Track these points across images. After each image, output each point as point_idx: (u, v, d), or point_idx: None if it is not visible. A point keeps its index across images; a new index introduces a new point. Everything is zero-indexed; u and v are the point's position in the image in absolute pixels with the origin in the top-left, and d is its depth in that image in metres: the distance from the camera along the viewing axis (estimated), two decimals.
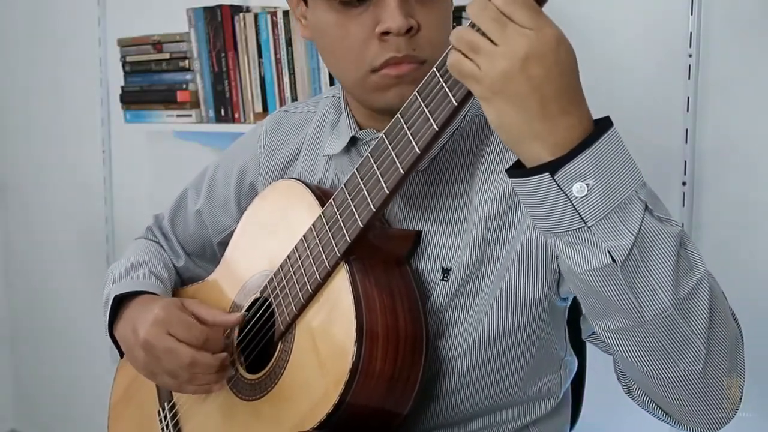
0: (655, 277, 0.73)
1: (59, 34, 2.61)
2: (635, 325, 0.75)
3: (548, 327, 0.96)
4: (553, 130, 0.71)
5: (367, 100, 0.97)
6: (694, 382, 0.78)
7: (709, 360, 0.76)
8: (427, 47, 0.91)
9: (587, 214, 0.71)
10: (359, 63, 0.92)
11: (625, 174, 0.72)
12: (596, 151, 0.71)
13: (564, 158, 0.71)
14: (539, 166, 0.72)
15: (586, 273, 0.73)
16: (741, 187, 1.46)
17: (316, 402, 0.88)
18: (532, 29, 0.69)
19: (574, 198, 0.71)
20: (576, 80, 0.72)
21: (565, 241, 0.73)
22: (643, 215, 0.72)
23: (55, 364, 2.83)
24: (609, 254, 0.71)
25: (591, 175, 0.70)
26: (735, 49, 1.45)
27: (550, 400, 1.02)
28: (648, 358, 0.77)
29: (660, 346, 0.76)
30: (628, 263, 0.72)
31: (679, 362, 0.76)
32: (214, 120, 1.95)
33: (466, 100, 0.77)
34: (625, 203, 0.72)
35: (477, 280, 0.93)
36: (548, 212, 0.73)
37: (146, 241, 1.28)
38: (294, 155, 1.14)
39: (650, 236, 0.72)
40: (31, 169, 2.79)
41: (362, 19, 0.91)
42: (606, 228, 0.71)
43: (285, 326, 0.97)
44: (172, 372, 1.00)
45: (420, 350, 0.89)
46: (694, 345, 0.76)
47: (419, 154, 0.82)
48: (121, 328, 1.11)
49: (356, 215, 0.89)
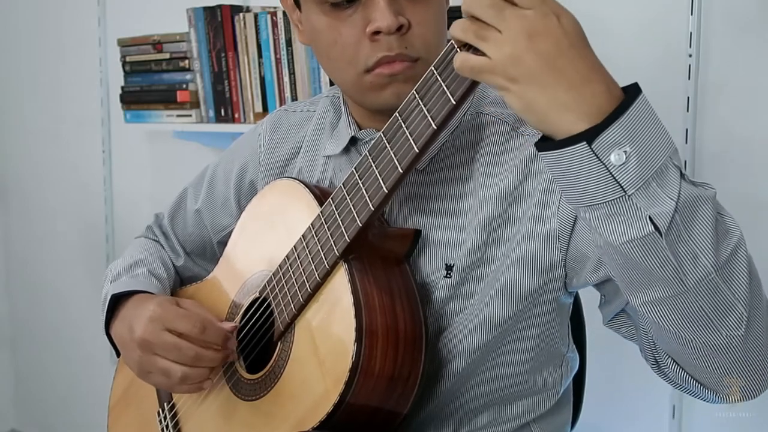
0: (697, 241, 0.72)
1: (59, 34, 2.61)
2: (678, 293, 0.73)
3: (550, 321, 0.96)
4: (580, 99, 0.69)
5: (364, 101, 0.98)
6: (735, 347, 0.77)
7: (751, 324, 0.76)
8: (419, 45, 0.91)
9: (627, 183, 0.69)
10: (353, 64, 0.93)
11: (659, 140, 0.70)
12: (630, 118, 0.69)
13: (599, 126, 0.69)
14: (574, 137, 0.69)
15: (627, 244, 0.71)
16: (741, 187, 1.46)
17: (316, 402, 0.88)
18: (531, 8, 0.69)
19: (612, 166, 0.69)
20: (588, 49, 0.71)
21: (602, 212, 0.71)
22: (680, 180, 0.71)
23: (55, 364, 2.83)
24: (651, 222, 0.70)
25: (627, 143, 0.69)
26: (735, 49, 1.45)
27: (550, 395, 1.02)
28: (690, 327, 0.76)
29: (702, 312, 0.74)
30: (672, 229, 0.70)
31: (722, 328, 0.75)
32: (214, 120, 1.95)
33: (464, 99, 0.77)
34: (662, 169, 0.70)
35: (478, 276, 0.93)
36: (585, 184, 0.71)
37: (146, 240, 1.28)
38: (293, 154, 1.14)
39: (690, 201, 0.71)
40: (31, 169, 2.79)
41: (353, 20, 0.91)
42: (646, 195, 0.70)
43: (284, 326, 0.96)
44: (166, 371, 1.00)
45: (420, 349, 0.89)
46: (737, 309, 0.75)
47: (418, 153, 0.82)
48: (116, 327, 1.11)
49: (355, 214, 0.89)
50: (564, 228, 0.90)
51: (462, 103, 0.77)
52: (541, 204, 0.91)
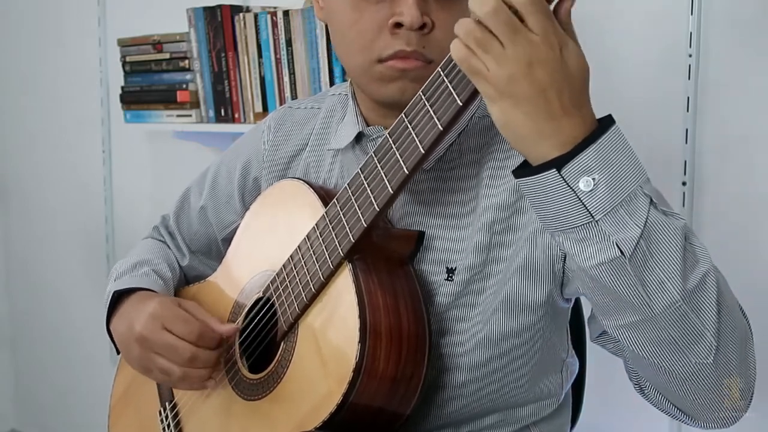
0: (663, 269, 0.74)
1: (59, 34, 2.61)
2: (645, 319, 0.75)
3: (551, 328, 0.96)
4: (558, 130, 0.72)
5: (368, 89, 0.98)
6: (706, 375, 0.78)
7: (720, 352, 0.77)
8: (436, 48, 0.91)
9: (594, 208, 0.72)
10: (368, 50, 0.92)
11: (629, 169, 0.73)
12: (601, 147, 0.72)
13: (570, 154, 0.72)
14: (545, 164, 0.73)
15: (595, 267, 0.74)
16: (741, 187, 1.47)
17: (319, 402, 0.88)
18: (538, 35, 0.70)
19: (581, 192, 0.72)
20: (583, 84, 0.73)
21: (573, 237, 0.74)
22: (648, 209, 0.73)
23: (55, 364, 2.83)
24: (617, 247, 0.72)
25: (596, 170, 0.71)
26: (735, 49, 1.45)
27: (551, 401, 1.02)
28: (660, 353, 0.78)
29: (671, 339, 0.76)
30: (637, 255, 0.72)
31: (691, 355, 0.77)
32: (214, 120, 1.95)
33: (471, 101, 0.77)
34: (631, 197, 0.73)
35: (481, 280, 0.93)
36: (555, 209, 0.74)
37: (152, 241, 1.28)
38: (298, 150, 1.13)
39: (657, 228, 0.73)
40: (31, 169, 2.79)
41: (378, 7, 0.91)
42: (613, 221, 0.72)
43: (288, 326, 0.97)
44: (165, 370, 1.00)
45: (423, 350, 0.90)
46: (705, 338, 0.76)
47: (423, 154, 0.82)
48: (116, 324, 1.11)
49: (360, 215, 0.89)
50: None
51: (469, 105, 0.78)
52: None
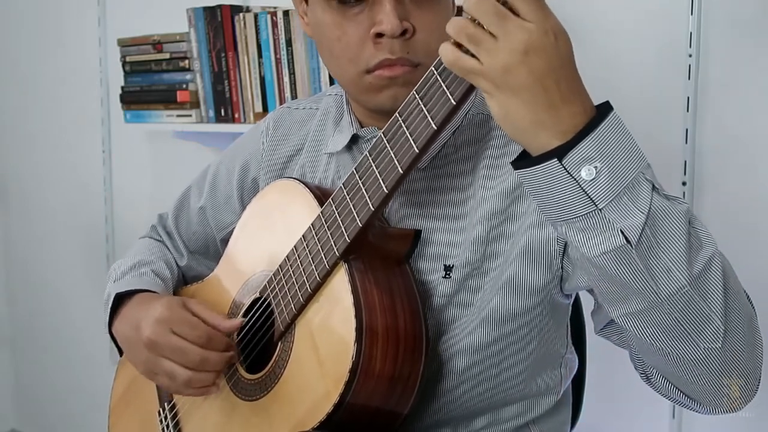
0: (669, 254, 0.73)
1: (59, 34, 2.61)
2: (653, 305, 0.75)
3: (548, 323, 0.96)
4: (557, 119, 0.71)
5: (361, 100, 0.99)
6: (714, 360, 0.78)
7: (728, 337, 0.77)
8: (421, 51, 0.91)
9: (597, 197, 0.71)
10: (354, 63, 0.93)
11: (630, 156, 0.72)
12: (601, 134, 0.71)
13: (570, 143, 0.71)
14: (546, 154, 0.72)
15: (601, 256, 0.73)
16: (741, 187, 1.47)
17: (317, 402, 0.88)
18: (533, 22, 0.70)
19: (583, 181, 0.71)
20: (574, 69, 0.73)
21: (576, 227, 0.74)
22: (651, 194, 0.73)
23: (55, 364, 2.83)
24: (622, 234, 0.72)
25: (597, 158, 0.71)
26: (735, 49, 1.45)
27: (550, 397, 1.02)
28: (668, 340, 0.77)
29: (679, 325, 0.76)
30: (642, 241, 0.72)
31: (699, 341, 0.77)
32: (214, 120, 1.95)
33: (464, 100, 0.77)
34: (633, 184, 0.72)
35: (479, 276, 0.93)
36: (557, 199, 0.73)
37: (150, 240, 1.28)
38: (296, 151, 1.14)
39: (661, 214, 0.73)
40: (31, 169, 2.79)
41: (359, 20, 0.92)
42: (617, 209, 0.72)
43: (284, 326, 0.96)
44: (171, 373, 1.00)
45: (420, 349, 0.90)
46: (713, 322, 0.76)
47: (418, 154, 0.82)
48: (120, 326, 1.11)
49: (355, 215, 0.89)
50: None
51: (462, 104, 0.78)
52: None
